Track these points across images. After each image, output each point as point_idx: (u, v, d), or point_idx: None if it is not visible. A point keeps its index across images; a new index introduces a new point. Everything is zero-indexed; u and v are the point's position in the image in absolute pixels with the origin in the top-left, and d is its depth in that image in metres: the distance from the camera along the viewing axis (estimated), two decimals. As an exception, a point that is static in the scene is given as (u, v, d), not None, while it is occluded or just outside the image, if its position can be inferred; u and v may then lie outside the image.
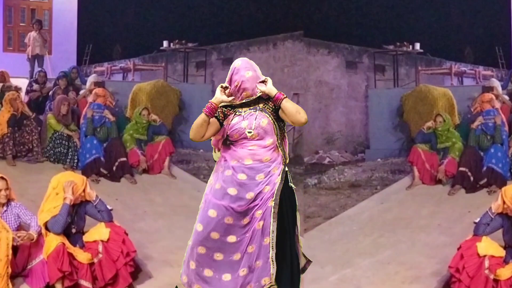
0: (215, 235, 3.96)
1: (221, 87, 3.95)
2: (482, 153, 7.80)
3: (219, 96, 3.91)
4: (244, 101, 3.97)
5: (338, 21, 12.91)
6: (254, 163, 3.92)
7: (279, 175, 3.95)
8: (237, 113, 3.99)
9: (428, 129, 8.28)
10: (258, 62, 4.14)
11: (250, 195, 3.90)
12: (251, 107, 3.98)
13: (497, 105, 8.30)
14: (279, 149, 4.01)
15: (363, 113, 12.04)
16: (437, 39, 13.62)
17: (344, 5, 12.76)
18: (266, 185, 3.92)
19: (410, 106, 9.57)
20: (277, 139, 3.99)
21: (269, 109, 3.98)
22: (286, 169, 4.02)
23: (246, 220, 3.93)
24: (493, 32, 13.63)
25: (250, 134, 3.92)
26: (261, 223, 3.91)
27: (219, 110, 3.97)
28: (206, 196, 4.08)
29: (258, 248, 3.92)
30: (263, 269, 3.91)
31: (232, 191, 3.93)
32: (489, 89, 9.03)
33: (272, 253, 3.88)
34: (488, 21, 13.65)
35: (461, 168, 7.78)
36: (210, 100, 3.93)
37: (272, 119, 3.96)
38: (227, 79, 4.03)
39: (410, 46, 12.57)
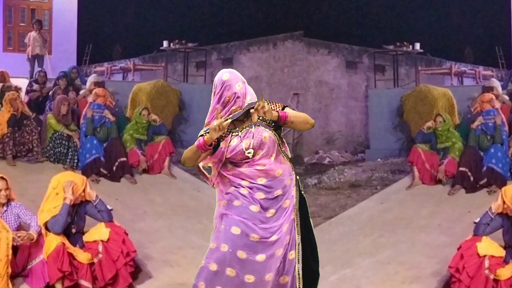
0: (242, 254, 3.58)
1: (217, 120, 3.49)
2: (482, 153, 7.80)
3: (214, 135, 3.46)
4: (231, 116, 3.59)
5: (338, 21, 12.93)
6: (268, 181, 3.65)
7: (294, 186, 3.77)
8: (233, 133, 3.62)
9: (428, 129, 8.28)
10: (258, 62, 4.13)
11: (271, 212, 3.66)
12: (246, 124, 3.62)
13: (497, 105, 8.30)
14: (284, 156, 3.76)
15: (363, 113, 12.06)
16: (437, 39, 13.64)
17: (344, 5, 12.79)
18: (286, 199, 3.71)
19: (410, 106, 9.57)
20: (280, 148, 3.73)
21: (266, 121, 3.64)
22: (297, 177, 3.84)
23: (274, 237, 3.62)
24: (493, 32, 13.65)
25: (250, 155, 3.60)
26: (288, 237, 3.69)
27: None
28: (223, 215, 3.69)
29: (285, 263, 3.68)
30: (292, 285, 3.69)
31: (254, 208, 3.63)
32: (489, 89, 9.03)
33: (298, 267, 3.68)
34: (488, 21, 13.67)
35: (461, 168, 7.78)
36: (203, 135, 3.54)
37: (272, 132, 3.65)
38: (216, 94, 3.65)
39: (410, 46, 12.59)
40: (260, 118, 3.59)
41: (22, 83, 10.47)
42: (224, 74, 3.63)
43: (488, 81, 10.00)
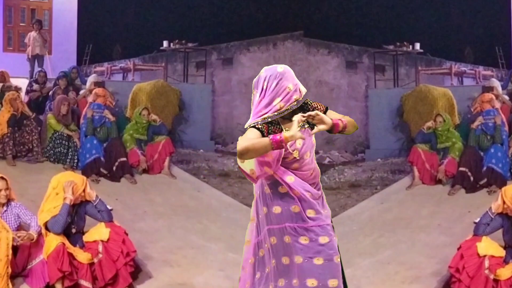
0: (286, 259, 3.46)
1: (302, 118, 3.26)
2: (482, 153, 7.80)
3: (296, 133, 3.17)
4: (287, 109, 3.35)
5: (338, 21, 12.91)
6: (312, 185, 3.54)
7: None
8: (285, 131, 3.29)
9: (428, 129, 8.28)
10: (258, 62, 4.14)
11: (311, 212, 3.50)
12: (299, 125, 3.27)
13: (497, 105, 8.30)
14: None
15: (363, 113, 12.03)
16: (437, 39, 13.62)
17: (344, 5, 12.77)
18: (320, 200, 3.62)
19: (410, 106, 9.57)
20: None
21: (309, 123, 3.41)
22: None
23: (324, 239, 3.48)
24: (493, 32, 13.64)
25: (298, 155, 3.40)
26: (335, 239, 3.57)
27: (263, 125, 3.31)
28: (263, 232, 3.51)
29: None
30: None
31: (295, 208, 3.46)
32: (489, 89, 9.03)
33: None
34: (488, 21, 13.65)
35: (461, 168, 7.78)
36: (284, 135, 3.15)
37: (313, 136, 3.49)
38: (270, 86, 3.38)
39: (410, 46, 12.57)
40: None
41: (22, 83, 10.47)
42: (279, 67, 3.44)
43: (488, 81, 10.00)
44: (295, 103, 3.38)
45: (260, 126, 3.30)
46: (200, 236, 6.67)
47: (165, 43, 13.06)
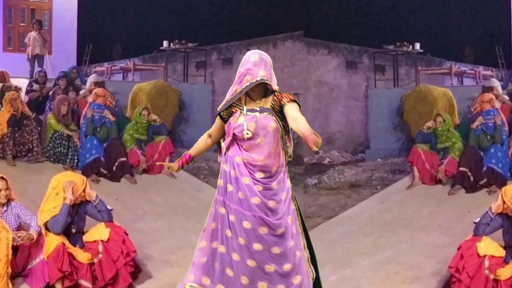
0: (258, 246, 3.82)
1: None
2: (482, 153, 7.80)
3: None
4: (244, 86, 3.80)
5: (338, 21, 12.91)
6: (265, 173, 3.81)
7: (287, 178, 3.89)
8: (242, 112, 3.85)
9: (428, 129, 8.28)
10: (258, 62, 4.19)
11: (272, 203, 3.81)
12: (258, 106, 3.83)
13: (497, 105, 8.30)
14: (283, 149, 3.89)
15: (363, 113, 12.04)
16: (437, 39, 13.62)
17: (344, 5, 12.77)
18: (282, 191, 3.85)
19: (410, 106, 9.57)
20: (281, 140, 3.87)
21: (276, 110, 3.82)
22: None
23: (280, 231, 3.81)
24: (493, 32, 13.64)
25: (249, 136, 3.79)
26: (294, 227, 3.86)
27: (224, 112, 3.92)
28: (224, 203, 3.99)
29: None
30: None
31: (256, 200, 3.80)
32: (489, 89, 9.03)
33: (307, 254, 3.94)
34: (488, 21, 13.65)
35: (461, 168, 7.78)
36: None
37: (279, 123, 3.82)
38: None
39: (410, 46, 12.58)
40: (272, 105, 3.80)
41: (22, 83, 10.47)
42: (251, 53, 3.90)
43: (488, 81, 10.00)
44: (248, 84, 3.79)
45: (222, 113, 3.92)
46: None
47: (165, 43, 13.07)
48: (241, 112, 3.83)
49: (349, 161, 10.98)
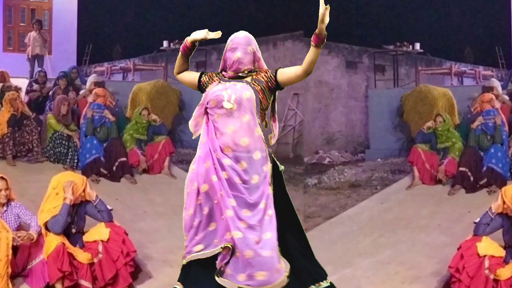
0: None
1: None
2: (482, 153, 7.80)
3: (197, 36, 4.16)
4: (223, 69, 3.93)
5: (338, 21, 12.88)
6: (232, 151, 3.76)
7: (267, 158, 3.76)
8: (221, 82, 3.88)
9: (428, 129, 8.28)
10: (258, 62, 4.20)
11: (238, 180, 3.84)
12: (238, 80, 3.84)
13: (497, 105, 8.30)
14: (259, 126, 3.76)
15: (363, 113, 12.04)
16: (437, 39, 13.62)
17: (344, 5, 12.75)
18: (254, 174, 3.79)
19: (410, 106, 9.57)
20: (260, 115, 3.75)
21: (258, 82, 3.77)
22: (273, 155, 3.85)
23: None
24: (493, 32, 13.64)
25: (229, 107, 3.71)
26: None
27: (206, 75, 4.05)
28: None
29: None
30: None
31: (225, 174, 3.88)
32: (489, 89, 9.03)
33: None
34: (488, 21, 13.65)
35: (461, 168, 7.78)
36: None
37: (256, 93, 3.73)
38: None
39: (410, 46, 12.58)
40: (264, 77, 3.84)
41: (22, 83, 10.47)
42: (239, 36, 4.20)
43: (488, 81, 10.00)
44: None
45: (205, 73, 4.08)
46: (200, 236, 6.65)
47: (165, 43, 13.07)
48: (220, 82, 3.86)
49: (349, 161, 10.98)
